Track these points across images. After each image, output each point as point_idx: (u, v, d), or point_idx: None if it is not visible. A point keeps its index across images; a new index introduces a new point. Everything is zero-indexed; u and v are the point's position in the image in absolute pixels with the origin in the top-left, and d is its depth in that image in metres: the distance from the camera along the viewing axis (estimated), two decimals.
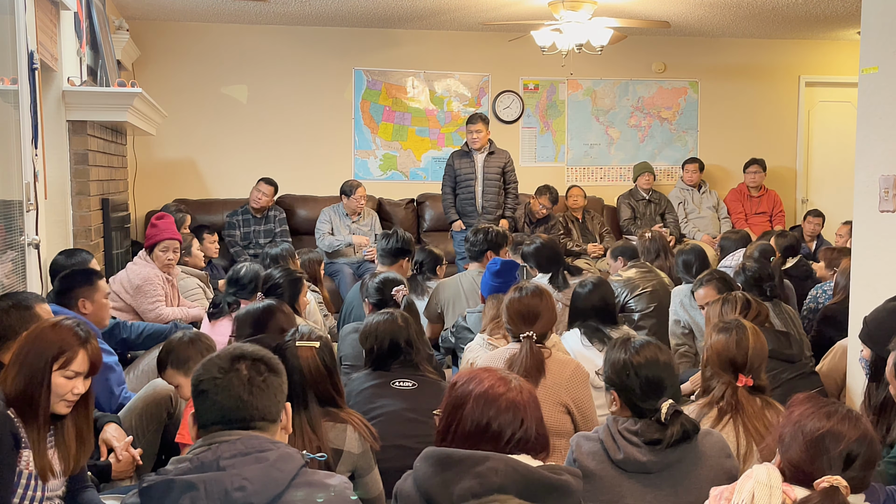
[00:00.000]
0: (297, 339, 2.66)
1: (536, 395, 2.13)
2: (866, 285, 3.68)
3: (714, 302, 3.65)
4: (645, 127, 8.62)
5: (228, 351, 1.95)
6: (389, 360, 3.12)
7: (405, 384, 3.07)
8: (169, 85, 7.52)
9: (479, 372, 2.13)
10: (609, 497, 2.27)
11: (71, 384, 2.42)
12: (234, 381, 1.87)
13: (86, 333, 2.48)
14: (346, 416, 2.60)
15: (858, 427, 1.93)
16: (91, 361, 2.47)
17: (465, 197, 6.97)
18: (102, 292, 3.60)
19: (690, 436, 2.30)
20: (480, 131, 6.85)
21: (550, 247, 4.89)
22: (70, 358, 2.41)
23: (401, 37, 8.01)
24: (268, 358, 1.95)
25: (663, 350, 2.45)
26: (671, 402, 2.30)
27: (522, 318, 3.18)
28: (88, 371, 2.46)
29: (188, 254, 5.40)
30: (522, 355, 3.06)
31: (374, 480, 2.65)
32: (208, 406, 1.86)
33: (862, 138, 3.69)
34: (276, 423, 1.93)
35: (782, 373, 3.39)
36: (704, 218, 8.01)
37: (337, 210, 7.10)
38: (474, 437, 2.01)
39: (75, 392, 2.43)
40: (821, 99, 8.90)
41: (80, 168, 4.86)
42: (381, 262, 5.05)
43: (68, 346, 2.42)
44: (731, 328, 2.80)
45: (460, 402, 2.05)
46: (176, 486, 1.74)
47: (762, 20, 7.59)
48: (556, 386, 3.04)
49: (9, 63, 3.80)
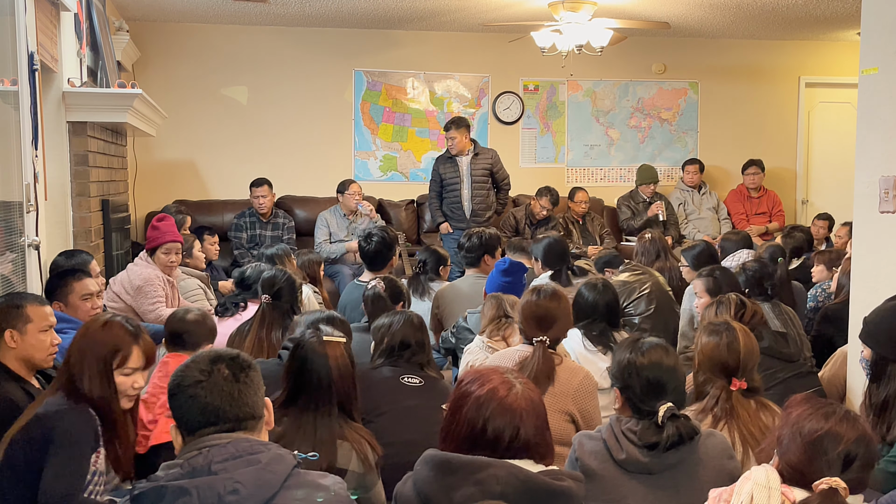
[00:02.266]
0: (321, 335, 2.58)
1: (542, 400, 2.08)
2: (866, 286, 3.68)
3: (709, 305, 3.63)
4: (645, 128, 8.62)
5: (203, 356, 1.94)
6: (399, 358, 3.17)
7: (413, 381, 3.10)
8: (169, 86, 7.52)
9: (487, 372, 2.10)
10: (611, 497, 2.27)
11: (130, 380, 2.50)
12: (219, 380, 1.86)
13: (135, 328, 2.55)
14: (350, 434, 2.51)
15: (857, 428, 1.93)
16: (146, 355, 2.54)
17: (452, 201, 6.99)
18: (76, 292, 3.59)
19: (684, 440, 2.28)
20: (454, 138, 6.86)
21: (560, 244, 4.89)
22: (126, 356, 2.48)
23: (401, 38, 8.01)
24: (242, 357, 1.95)
25: (671, 354, 2.43)
26: (670, 405, 2.29)
27: (538, 322, 3.10)
28: (145, 364, 2.54)
29: (189, 255, 5.39)
30: (534, 361, 3.00)
31: (378, 494, 2.59)
32: (198, 408, 1.84)
33: (862, 139, 3.69)
34: (262, 420, 1.93)
35: (779, 372, 3.39)
36: (704, 219, 8.01)
37: (334, 212, 7.10)
38: (470, 440, 2.00)
39: (136, 386, 2.51)
40: (821, 100, 8.90)
41: (81, 169, 4.86)
42: (368, 268, 5.03)
43: (122, 344, 2.49)
44: (721, 331, 2.77)
45: (461, 402, 2.04)
46: (168, 493, 1.72)
47: (762, 21, 7.60)
48: (563, 395, 2.99)
49: (9, 64, 3.80)
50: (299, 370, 2.54)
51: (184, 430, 1.88)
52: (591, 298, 3.72)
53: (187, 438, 1.87)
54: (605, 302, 3.69)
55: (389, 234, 5.04)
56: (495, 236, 5.00)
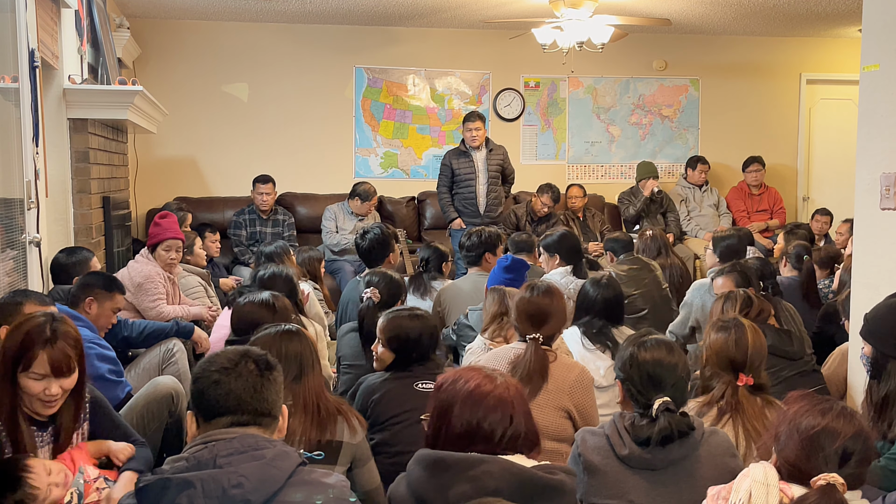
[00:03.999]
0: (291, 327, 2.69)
1: (522, 389, 2.13)
2: (867, 283, 3.68)
3: (717, 298, 3.64)
4: (646, 125, 8.61)
5: (233, 350, 1.98)
6: (412, 361, 3.07)
7: (428, 386, 2.97)
8: (170, 83, 7.52)
9: (464, 371, 2.12)
10: (613, 492, 2.27)
11: (41, 385, 2.29)
12: (244, 371, 1.90)
13: (53, 333, 2.32)
14: (337, 406, 2.59)
15: (853, 424, 1.93)
16: (54, 364, 2.30)
17: (466, 197, 6.92)
18: (114, 303, 3.63)
19: (674, 435, 2.27)
20: (479, 129, 6.83)
21: (572, 238, 4.88)
22: (31, 358, 2.28)
23: (402, 34, 8.01)
24: (270, 357, 1.99)
25: (675, 352, 2.42)
26: (666, 398, 2.29)
27: (531, 319, 3.08)
28: (55, 373, 2.31)
29: (190, 252, 5.39)
30: (527, 358, 2.98)
31: (371, 471, 2.64)
32: (220, 394, 1.86)
33: (863, 136, 3.69)
34: (276, 421, 1.95)
35: (783, 370, 3.39)
36: (706, 216, 8.00)
37: (342, 207, 7.12)
38: (465, 438, 2.01)
39: (48, 393, 2.29)
40: (822, 96, 8.89)
41: (81, 166, 4.87)
42: (365, 265, 5.02)
43: (29, 346, 2.29)
44: (730, 327, 2.79)
45: (448, 404, 2.04)
46: (172, 485, 1.73)
47: (763, 17, 7.59)
48: (559, 391, 2.97)
49: (10, 61, 3.81)
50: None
51: (201, 416, 1.89)
52: (592, 294, 3.72)
53: (202, 427, 1.89)
54: (604, 298, 3.68)
55: (385, 230, 5.03)
56: (495, 234, 5.00)
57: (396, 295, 4.01)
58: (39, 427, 2.35)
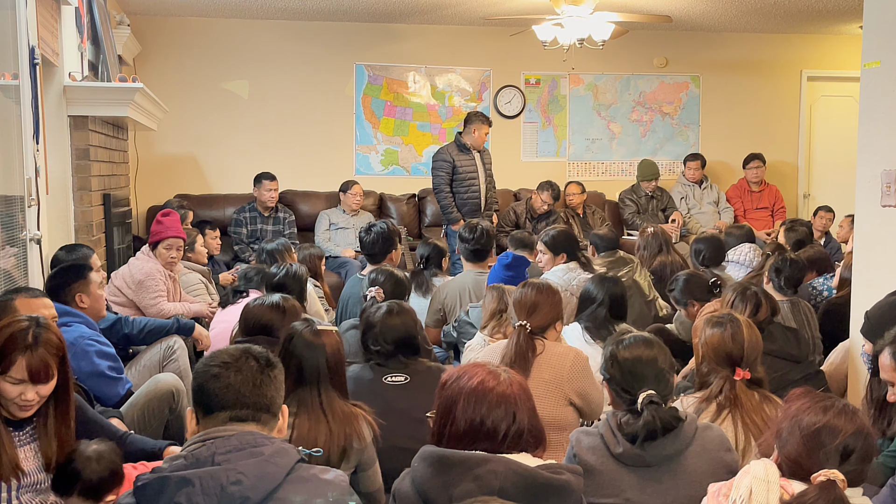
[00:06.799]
0: (313, 326, 2.65)
1: (527, 385, 2.12)
2: (868, 280, 3.68)
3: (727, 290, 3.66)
4: (646, 122, 8.61)
5: (235, 348, 1.99)
6: (391, 356, 3.06)
7: (397, 378, 3.01)
8: (170, 80, 7.51)
9: (469, 368, 2.12)
10: (610, 491, 2.28)
11: (17, 390, 2.24)
12: (245, 367, 1.91)
13: (34, 339, 2.26)
14: (352, 409, 2.58)
15: (854, 421, 1.94)
16: (32, 370, 2.24)
17: (470, 196, 6.79)
18: (96, 284, 3.57)
19: (658, 430, 2.26)
20: (487, 133, 6.85)
21: (570, 232, 4.93)
22: (9, 363, 2.23)
23: (402, 31, 8.00)
24: (271, 355, 1.99)
25: (654, 346, 2.43)
26: (650, 392, 2.30)
27: (521, 308, 3.17)
28: (32, 379, 2.25)
29: (191, 249, 5.40)
30: (511, 344, 3.05)
31: (375, 474, 2.64)
32: (220, 387, 1.87)
33: (864, 133, 3.70)
34: (276, 419, 1.95)
35: (789, 374, 3.37)
36: (706, 213, 8.00)
37: (336, 210, 7.26)
38: (469, 435, 2.01)
39: (24, 398, 2.25)
40: (823, 93, 8.89)
41: (82, 163, 4.86)
42: (369, 261, 5.02)
43: (8, 351, 2.24)
44: (725, 322, 2.81)
45: (452, 401, 2.05)
46: (171, 483, 1.74)
47: (764, 14, 7.58)
48: (558, 380, 3.01)
49: (10, 58, 3.80)
50: (298, 367, 2.56)
51: (201, 411, 1.90)
52: (592, 289, 3.78)
53: (201, 423, 1.89)
54: (604, 293, 3.72)
55: (391, 226, 5.05)
56: (491, 231, 5.01)
57: (400, 294, 4.01)
58: (16, 427, 2.32)
